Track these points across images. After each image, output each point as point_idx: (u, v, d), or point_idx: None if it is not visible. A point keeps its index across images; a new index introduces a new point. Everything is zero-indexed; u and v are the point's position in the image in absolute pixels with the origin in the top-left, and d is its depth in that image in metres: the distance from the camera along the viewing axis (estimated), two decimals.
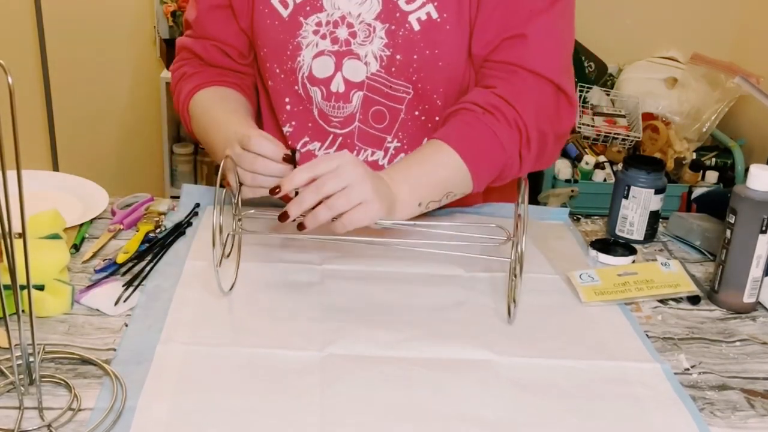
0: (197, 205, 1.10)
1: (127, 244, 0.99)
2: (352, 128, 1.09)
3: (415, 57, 1.03)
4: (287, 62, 1.06)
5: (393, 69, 1.04)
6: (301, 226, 0.85)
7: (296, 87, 1.08)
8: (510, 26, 1.01)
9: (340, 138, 1.10)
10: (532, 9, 1.00)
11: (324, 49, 1.05)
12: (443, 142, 0.98)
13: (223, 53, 1.12)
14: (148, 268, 0.93)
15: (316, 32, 1.04)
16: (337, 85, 1.06)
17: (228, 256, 0.90)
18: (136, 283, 0.89)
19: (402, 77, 1.05)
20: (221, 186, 0.85)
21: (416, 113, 1.08)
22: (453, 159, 0.97)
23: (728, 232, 0.92)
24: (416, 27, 1.02)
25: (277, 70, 1.07)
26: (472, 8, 1.02)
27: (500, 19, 1.01)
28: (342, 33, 1.04)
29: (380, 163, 1.10)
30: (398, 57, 1.03)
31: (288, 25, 1.05)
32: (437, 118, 1.08)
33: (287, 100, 1.09)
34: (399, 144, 1.10)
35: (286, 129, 1.11)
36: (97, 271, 0.93)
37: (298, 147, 1.12)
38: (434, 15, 1.01)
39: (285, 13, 1.05)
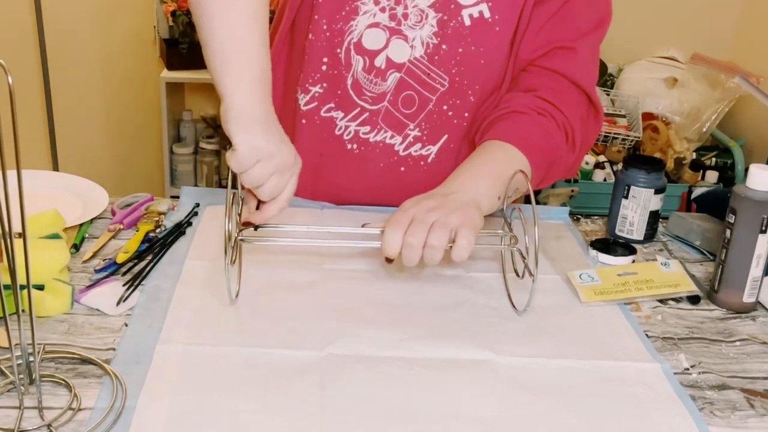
0: (197, 205, 1.10)
1: (127, 244, 0.99)
2: (380, 107, 1.08)
3: (460, 51, 1.04)
4: (339, 22, 1.05)
5: (436, 58, 1.05)
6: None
7: (338, 50, 1.06)
8: (560, 38, 1.05)
9: (366, 114, 1.09)
10: (579, 27, 1.06)
11: (380, 21, 1.05)
12: (506, 142, 1.00)
13: None
14: (148, 268, 0.93)
15: (376, 3, 1.04)
16: (381, 61, 1.06)
17: (234, 262, 0.90)
18: (136, 283, 0.89)
19: (443, 68, 1.06)
20: (228, 185, 0.85)
21: (444, 107, 1.08)
22: (519, 158, 0.99)
23: (728, 231, 0.92)
24: (467, 22, 1.03)
25: (325, 26, 1.05)
26: (524, 15, 1.04)
27: (551, 29, 1.05)
28: (399, 11, 1.04)
29: (396, 148, 1.10)
30: (444, 47, 1.04)
31: None
32: (466, 114, 1.09)
33: (325, 60, 1.07)
34: (419, 133, 1.10)
35: (315, 89, 1.08)
36: (97, 271, 0.93)
37: (322, 111, 1.10)
38: (486, 14, 1.03)
39: None
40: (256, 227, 0.91)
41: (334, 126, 1.10)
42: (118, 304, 0.85)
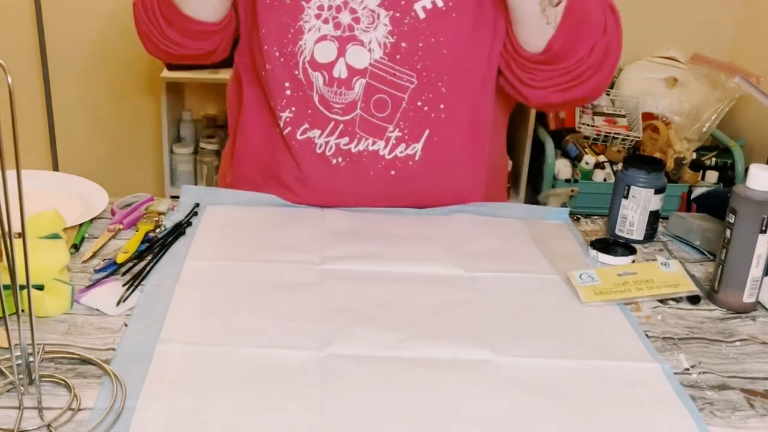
0: (197, 205, 1.10)
1: (127, 244, 0.99)
2: (353, 116, 1.09)
3: (420, 45, 1.04)
4: (288, 46, 1.06)
5: (398, 57, 1.05)
6: None
7: (296, 72, 1.07)
8: None
9: (342, 125, 1.09)
10: None
11: (326, 33, 1.05)
12: None
13: None
14: (148, 268, 0.93)
15: (318, 16, 1.05)
16: (340, 71, 1.06)
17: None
18: (136, 283, 0.89)
19: (407, 65, 1.06)
20: None
21: (419, 103, 1.08)
22: None
23: (728, 231, 0.92)
24: (422, 15, 1.03)
25: (277, 54, 1.07)
26: None
27: None
28: (345, 18, 1.04)
29: (381, 153, 1.10)
30: (403, 45, 1.04)
31: (289, 8, 1.05)
32: (442, 106, 1.08)
33: (287, 84, 1.08)
34: (400, 134, 1.10)
35: (286, 115, 1.10)
36: (96, 271, 0.93)
37: (298, 134, 1.11)
38: (439, 4, 1.03)
39: None
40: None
41: (314, 146, 1.11)
42: (118, 304, 0.85)
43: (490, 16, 1.06)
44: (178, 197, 1.13)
